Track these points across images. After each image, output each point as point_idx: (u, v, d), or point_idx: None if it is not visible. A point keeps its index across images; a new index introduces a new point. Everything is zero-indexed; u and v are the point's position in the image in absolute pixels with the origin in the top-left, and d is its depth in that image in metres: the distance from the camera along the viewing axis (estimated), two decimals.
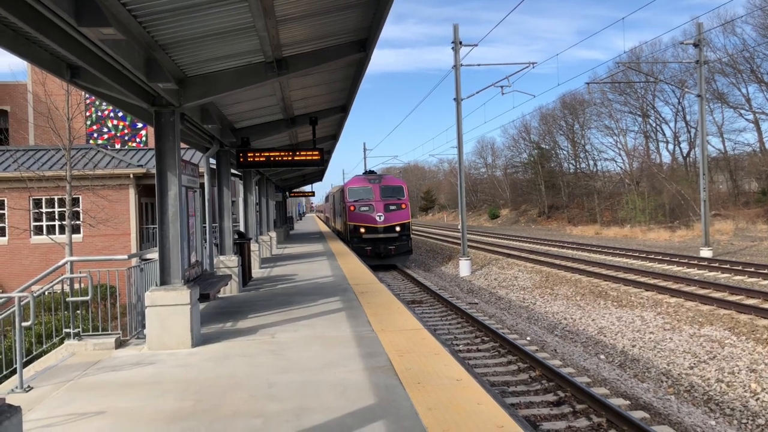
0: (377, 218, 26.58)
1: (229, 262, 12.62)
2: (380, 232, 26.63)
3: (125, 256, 8.87)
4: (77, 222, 21.03)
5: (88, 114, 31.53)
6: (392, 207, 27.06)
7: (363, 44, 8.93)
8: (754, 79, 43.49)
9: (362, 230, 26.59)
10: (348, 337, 7.74)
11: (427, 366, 6.22)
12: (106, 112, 32.38)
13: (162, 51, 7.06)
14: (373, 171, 31.41)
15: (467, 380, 5.68)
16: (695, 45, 27.82)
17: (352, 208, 27.12)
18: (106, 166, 23.45)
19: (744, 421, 8.60)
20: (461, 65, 27.21)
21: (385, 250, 26.57)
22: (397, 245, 26.78)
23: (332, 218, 46.07)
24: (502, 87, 28.13)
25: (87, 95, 26.47)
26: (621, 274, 20.64)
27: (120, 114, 32.04)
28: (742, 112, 45.67)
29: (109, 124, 32.55)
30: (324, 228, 50.75)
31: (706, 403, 9.38)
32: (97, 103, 31.77)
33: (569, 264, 24.41)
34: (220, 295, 11.95)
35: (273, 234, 24.73)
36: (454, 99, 27.25)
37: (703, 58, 27.70)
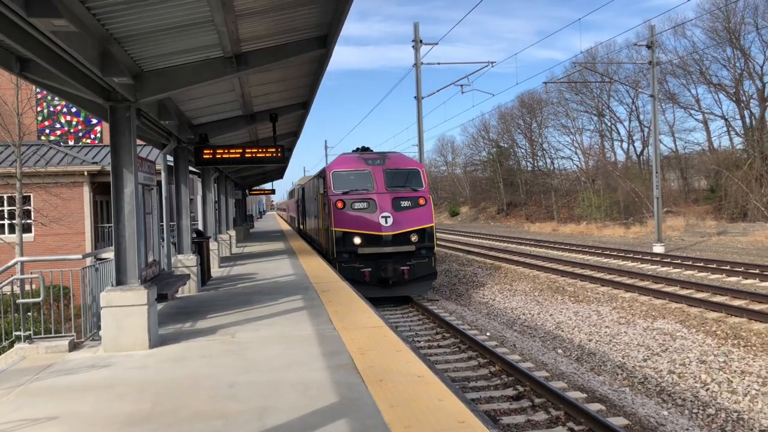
0: (382, 221, 16.82)
1: (187, 261, 12.40)
2: (387, 244, 16.83)
3: (79, 256, 8.62)
4: (28, 221, 20.37)
5: (39, 109, 30.51)
6: (405, 203, 17.31)
7: (324, 40, 8.88)
8: (703, 80, 45.00)
9: (357, 240, 16.83)
10: (310, 336, 7.70)
11: (389, 363, 6.23)
12: (59, 108, 31.39)
13: (117, 45, 6.87)
14: (368, 148, 20.13)
15: (429, 376, 5.71)
16: (648, 47, 28.60)
17: (339, 205, 17.24)
18: (59, 163, 22.77)
19: (695, 410, 8.88)
20: (422, 63, 27.35)
21: (395, 274, 16.78)
22: (413, 264, 17.05)
23: (300, 219, 34.50)
24: (462, 86, 28.43)
25: (38, 89, 25.64)
26: (578, 270, 21.08)
27: (74, 109, 31.09)
28: (692, 112, 47.27)
29: (62, 120, 31.55)
30: (285, 226, 50.33)
31: (659, 394, 9.66)
32: (49, 97, 30.77)
33: (527, 260, 24.81)
34: (178, 295, 11.73)
35: (233, 232, 24.42)
36: (415, 97, 27.37)
37: (655, 60, 28.49)
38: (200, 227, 16.89)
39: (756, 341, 11.31)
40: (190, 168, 15.29)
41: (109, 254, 8.49)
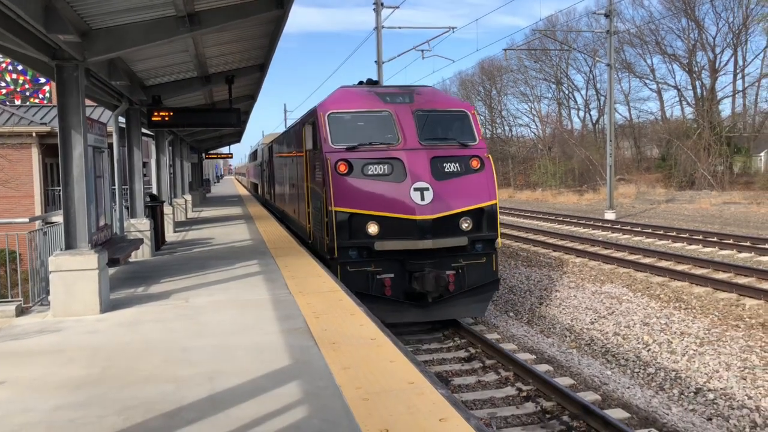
0: (415, 196, 10.37)
1: (140, 225, 12.21)
2: (425, 234, 10.28)
3: (26, 219, 8.40)
4: None
5: None
6: (451, 166, 10.83)
7: (280, 1, 8.70)
8: (659, 50, 45.85)
9: (372, 229, 10.40)
10: (264, 300, 7.73)
11: (343, 326, 6.33)
12: (4, 65, 29.99)
13: (62, 0, 6.60)
14: (375, 81, 13.35)
15: (381, 339, 5.84)
16: (606, 15, 28.87)
17: (342, 168, 10.68)
18: (5, 123, 21.91)
19: (636, 370, 9.31)
20: (383, 27, 27.05)
21: (436, 284, 10.19)
22: (464, 267, 10.69)
23: (266, 187, 27.44)
24: (422, 51, 28.25)
25: None
26: (531, 236, 21.56)
27: (20, 67, 29.76)
28: (647, 81, 48.23)
29: (8, 78, 30.16)
30: (243, 191, 49.74)
31: (603, 355, 10.08)
32: None
33: None
34: (131, 260, 11.57)
35: (188, 197, 24.04)
36: (376, 61, 27.13)
37: (613, 29, 28.81)
38: (154, 191, 16.57)
39: (696, 304, 11.86)
40: (144, 130, 14.92)
41: (59, 218, 8.29)
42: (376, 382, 4.69)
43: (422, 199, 10.20)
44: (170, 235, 15.89)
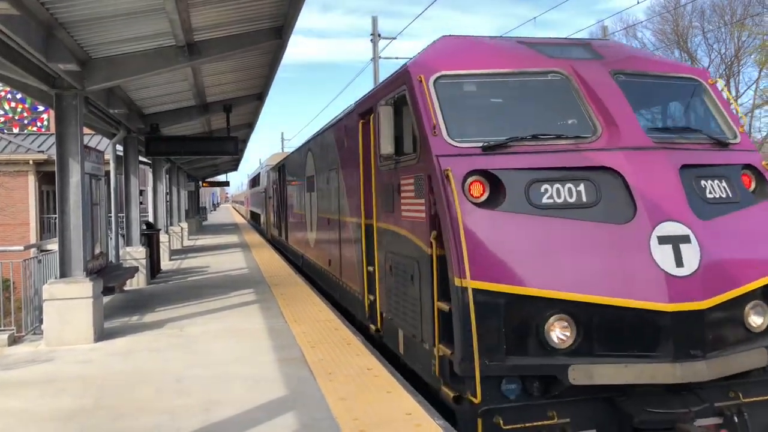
0: (660, 256, 4.28)
1: (136, 253, 12.15)
2: (688, 345, 4.16)
3: (20, 247, 8.36)
4: None
5: None
6: (714, 186, 4.88)
7: (279, 31, 8.80)
8: None
9: (560, 332, 4.29)
10: (260, 330, 7.66)
11: (339, 356, 6.26)
12: (3, 94, 30.18)
13: (63, 30, 6.67)
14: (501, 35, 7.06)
15: (378, 369, 5.76)
16: None
17: (476, 192, 4.67)
18: (2, 151, 21.97)
19: None
20: (380, 58, 27.36)
21: None
22: (741, 409, 4.39)
23: (275, 220, 20.95)
24: None
25: None
26: None
27: (19, 96, 29.94)
28: None
29: (6, 107, 30.32)
30: (240, 219, 49.70)
31: None
32: None
33: None
34: (126, 288, 11.48)
35: (184, 225, 24.00)
36: None
37: None
38: (151, 219, 16.54)
39: None
40: (141, 158, 14.96)
41: (54, 246, 8.25)
42: (373, 413, 4.61)
43: (678, 261, 4.44)
44: (166, 263, 15.81)
